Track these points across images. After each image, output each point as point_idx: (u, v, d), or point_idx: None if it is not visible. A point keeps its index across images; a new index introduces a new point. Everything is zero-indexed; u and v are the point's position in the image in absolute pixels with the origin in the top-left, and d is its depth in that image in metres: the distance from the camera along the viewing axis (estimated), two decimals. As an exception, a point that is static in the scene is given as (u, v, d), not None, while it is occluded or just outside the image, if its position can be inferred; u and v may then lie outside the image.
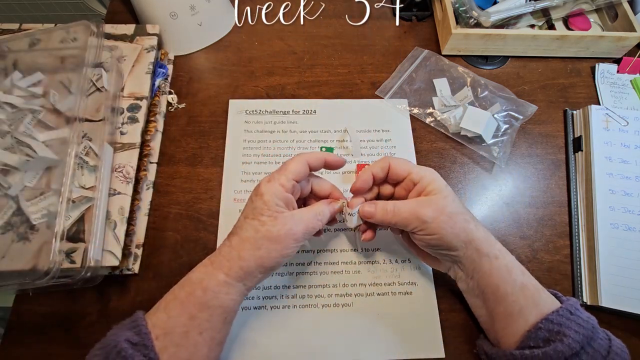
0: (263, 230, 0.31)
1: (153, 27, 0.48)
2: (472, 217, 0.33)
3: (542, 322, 0.29)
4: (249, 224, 0.31)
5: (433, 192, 0.33)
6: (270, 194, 0.31)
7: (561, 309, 0.30)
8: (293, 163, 0.33)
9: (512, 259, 0.33)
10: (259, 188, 0.32)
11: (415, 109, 0.49)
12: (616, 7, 0.53)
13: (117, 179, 0.38)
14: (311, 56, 0.53)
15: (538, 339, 0.29)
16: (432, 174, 0.34)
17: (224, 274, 0.30)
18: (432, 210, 0.32)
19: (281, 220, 0.31)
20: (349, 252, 0.40)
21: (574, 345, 0.28)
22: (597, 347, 0.28)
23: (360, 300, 0.38)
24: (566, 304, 0.30)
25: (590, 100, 0.50)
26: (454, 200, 0.33)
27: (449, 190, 0.33)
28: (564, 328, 0.28)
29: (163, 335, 0.28)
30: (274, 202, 0.31)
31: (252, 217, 0.31)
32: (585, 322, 0.29)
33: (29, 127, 0.37)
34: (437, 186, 0.33)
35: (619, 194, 0.41)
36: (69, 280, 0.33)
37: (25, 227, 0.34)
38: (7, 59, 0.41)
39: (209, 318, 0.30)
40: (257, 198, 0.32)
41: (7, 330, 0.36)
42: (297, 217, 0.32)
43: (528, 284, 0.32)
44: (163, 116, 0.47)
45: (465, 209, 0.34)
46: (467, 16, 0.50)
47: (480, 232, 0.33)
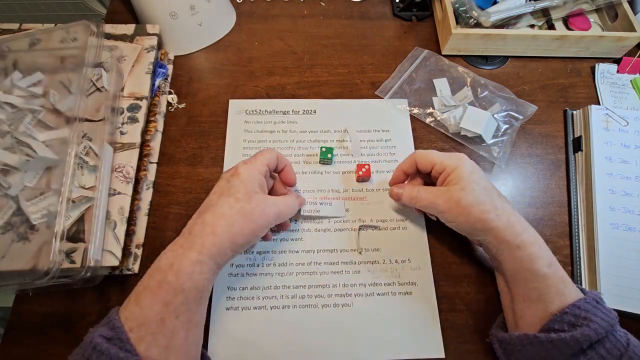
0: (237, 207, 0.32)
1: (153, 27, 0.48)
2: (496, 205, 0.33)
3: (569, 307, 0.30)
4: (223, 201, 0.32)
5: (452, 182, 0.35)
6: (248, 174, 0.33)
7: (588, 297, 0.30)
8: (267, 152, 0.36)
9: (538, 250, 0.32)
10: (236, 169, 0.34)
11: (415, 109, 0.49)
12: (616, 7, 0.53)
13: (117, 179, 0.38)
14: (311, 56, 0.53)
15: (564, 322, 0.29)
16: (454, 163, 0.35)
17: (197, 252, 0.30)
18: (447, 202, 0.34)
19: (255, 200, 0.33)
20: (349, 252, 0.40)
21: (600, 331, 0.28)
22: (618, 337, 0.29)
23: (360, 300, 0.38)
24: (591, 294, 0.31)
25: (590, 100, 0.50)
26: (473, 190, 0.33)
27: (469, 179, 0.34)
28: (590, 314, 0.29)
29: (137, 326, 0.28)
30: (250, 182, 0.33)
31: (228, 194, 0.32)
32: (609, 312, 0.30)
33: (29, 127, 0.37)
34: (457, 176, 0.34)
35: (619, 194, 0.41)
36: (69, 280, 0.33)
37: (25, 227, 0.34)
38: (7, 59, 0.41)
39: (184, 301, 0.30)
40: (233, 178, 0.33)
41: (7, 330, 0.36)
42: (270, 201, 0.34)
43: (553, 275, 0.31)
44: (163, 116, 0.47)
45: (488, 197, 0.34)
46: (467, 16, 0.50)
47: (502, 220, 0.33)
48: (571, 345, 0.28)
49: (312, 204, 0.42)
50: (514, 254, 0.33)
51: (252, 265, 0.39)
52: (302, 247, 0.40)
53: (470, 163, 0.36)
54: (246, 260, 0.40)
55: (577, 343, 0.28)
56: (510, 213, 0.33)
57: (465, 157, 0.36)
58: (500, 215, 0.33)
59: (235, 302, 0.38)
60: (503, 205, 0.34)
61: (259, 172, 0.34)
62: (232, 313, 0.37)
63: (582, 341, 0.28)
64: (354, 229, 0.41)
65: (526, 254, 0.32)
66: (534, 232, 0.33)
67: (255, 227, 0.33)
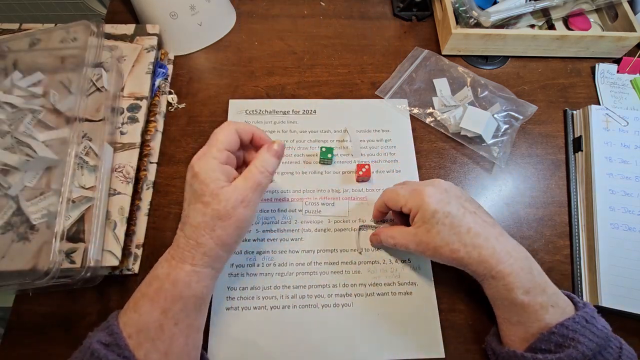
0: (209, 211, 0.30)
1: (153, 27, 0.48)
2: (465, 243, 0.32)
3: (556, 327, 0.29)
4: (193, 209, 0.30)
5: (417, 224, 0.34)
6: (205, 171, 0.30)
7: (577, 316, 0.30)
8: (222, 133, 0.32)
9: (514, 279, 0.31)
10: (192, 168, 0.31)
11: (415, 109, 0.49)
12: (616, 7, 0.53)
13: (117, 179, 0.38)
14: (311, 56, 0.53)
15: (551, 342, 0.29)
16: (417, 203, 0.33)
17: (190, 264, 0.30)
18: (418, 245, 0.34)
19: (224, 196, 0.30)
20: (349, 252, 0.40)
21: (587, 353, 0.28)
22: (607, 355, 0.28)
23: (360, 300, 0.38)
24: (582, 312, 0.30)
25: (590, 100, 0.50)
26: (439, 232, 0.32)
27: (434, 221, 0.32)
28: (578, 335, 0.28)
29: (136, 333, 0.28)
30: (210, 178, 0.30)
31: (195, 200, 0.30)
32: (599, 331, 0.29)
33: (29, 127, 0.37)
34: (421, 218, 0.33)
35: (619, 194, 0.41)
36: (69, 280, 0.33)
37: (25, 227, 0.34)
38: (7, 59, 0.41)
39: (183, 308, 0.29)
40: (193, 180, 0.30)
41: (7, 330, 0.36)
42: (240, 186, 0.30)
43: (531, 303, 0.30)
44: (163, 116, 0.47)
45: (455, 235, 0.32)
46: (467, 16, 0.50)
47: (473, 257, 0.32)
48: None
49: (314, 204, 0.42)
50: (489, 284, 0.33)
51: (252, 265, 0.39)
52: (302, 247, 0.40)
53: (434, 198, 0.33)
54: (246, 260, 0.40)
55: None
56: (481, 247, 0.32)
57: (428, 192, 0.33)
58: (470, 252, 0.32)
59: (235, 302, 0.38)
60: (473, 240, 0.32)
61: (217, 163, 0.31)
62: (232, 313, 0.37)
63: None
64: (354, 229, 0.41)
65: (501, 284, 0.31)
66: (513, 260, 0.32)
67: (237, 222, 0.30)
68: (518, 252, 0.32)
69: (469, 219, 0.33)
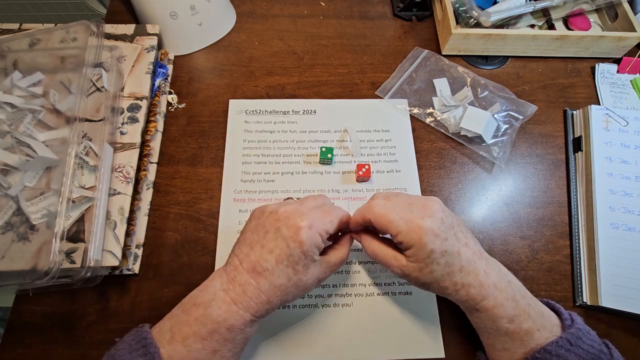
0: (295, 279, 0.30)
1: (153, 27, 0.48)
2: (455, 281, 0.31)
3: (539, 351, 0.29)
4: (282, 272, 0.30)
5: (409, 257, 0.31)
6: (311, 244, 0.30)
7: (561, 340, 0.29)
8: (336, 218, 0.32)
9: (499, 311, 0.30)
10: (297, 231, 0.29)
11: (415, 109, 0.49)
12: (616, 7, 0.53)
13: (117, 179, 0.38)
14: (311, 56, 0.53)
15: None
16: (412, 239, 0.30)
17: (251, 315, 0.30)
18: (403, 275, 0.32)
19: (312, 270, 0.31)
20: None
21: None
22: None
23: (360, 300, 0.38)
24: (567, 334, 0.29)
25: (590, 100, 0.50)
26: (431, 271, 0.30)
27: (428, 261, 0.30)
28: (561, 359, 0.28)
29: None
30: (311, 251, 0.30)
31: (287, 264, 0.30)
32: (585, 352, 0.29)
33: (29, 127, 0.37)
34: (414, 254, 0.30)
35: (619, 194, 0.41)
36: (69, 280, 0.33)
37: (25, 227, 0.34)
38: (7, 59, 0.41)
39: (232, 349, 0.30)
40: (295, 245, 0.29)
41: (7, 330, 0.36)
42: (324, 265, 0.32)
43: (516, 330, 0.30)
44: (163, 116, 0.47)
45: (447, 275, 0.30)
46: (467, 16, 0.50)
47: (461, 295, 0.31)
48: None
49: None
50: (473, 316, 0.32)
51: (252, 265, 0.39)
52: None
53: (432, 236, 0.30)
54: (246, 260, 0.40)
55: None
56: (470, 285, 0.30)
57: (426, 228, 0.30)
58: (459, 291, 0.31)
59: (235, 302, 0.38)
60: (463, 279, 0.31)
61: (321, 239, 0.31)
62: (232, 313, 0.37)
63: None
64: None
65: (485, 316, 0.31)
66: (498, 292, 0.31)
67: (304, 293, 0.32)
68: (502, 282, 0.31)
69: (463, 254, 0.31)
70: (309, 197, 0.34)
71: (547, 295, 0.39)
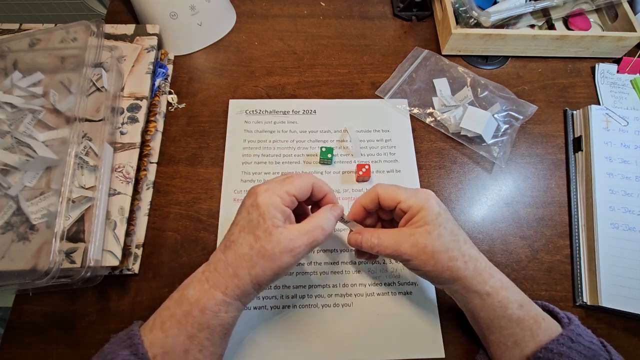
0: (257, 247, 0.29)
1: (153, 27, 0.48)
2: (463, 252, 0.31)
3: (541, 351, 0.28)
4: (244, 239, 0.29)
5: (417, 224, 0.31)
6: (267, 205, 0.29)
7: (562, 337, 0.29)
8: (299, 179, 0.31)
9: (508, 294, 0.30)
10: (255, 197, 0.29)
11: (415, 109, 0.49)
12: (616, 7, 0.53)
13: (117, 179, 0.38)
14: (311, 56, 0.53)
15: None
16: (419, 203, 0.31)
17: (222, 293, 0.29)
18: (412, 248, 0.30)
19: (276, 237, 0.29)
20: (349, 252, 0.40)
21: None
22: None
23: (360, 300, 0.38)
24: (567, 331, 0.29)
25: (590, 100, 0.50)
26: (440, 235, 0.30)
27: (436, 223, 0.30)
28: (563, 358, 0.28)
29: (161, 354, 0.28)
30: (270, 214, 0.29)
31: (248, 230, 0.29)
32: (585, 349, 0.28)
33: (29, 127, 0.37)
34: (422, 218, 0.31)
35: (619, 194, 0.41)
36: (69, 280, 0.33)
37: (25, 227, 0.34)
38: (7, 59, 0.41)
39: (209, 336, 0.29)
40: (253, 209, 0.29)
41: (7, 330, 0.36)
42: (295, 233, 0.29)
43: (525, 317, 0.30)
44: (163, 116, 0.47)
45: (455, 242, 0.31)
46: (467, 16, 0.50)
47: (469, 269, 0.30)
48: None
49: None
50: (484, 302, 0.31)
51: (252, 265, 0.39)
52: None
53: (437, 202, 0.32)
54: (246, 260, 0.40)
55: None
56: (477, 259, 0.31)
57: (432, 195, 0.32)
58: (467, 263, 0.30)
59: (235, 302, 0.38)
60: (469, 251, 0.31)
61: (281, 201, 0.30)
62: (232, 313, 0.37)
63: None
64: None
65: (496, 300, 0.30)
66: (501, 275, 0.32)
67: (277, 268, 0.29)
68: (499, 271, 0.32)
69: (462, 231, 0.32)
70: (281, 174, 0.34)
71: (547, 295, 0.39)
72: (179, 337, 0.28)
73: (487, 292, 0.30)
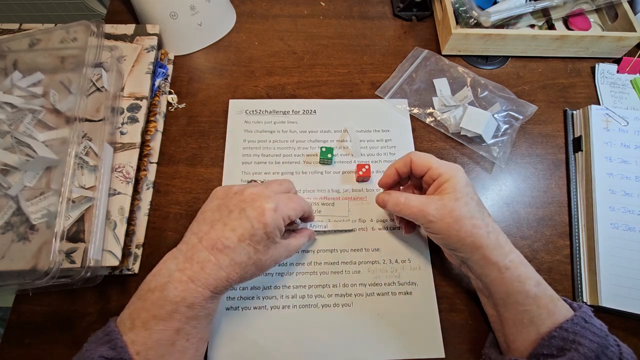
0: (255, 258, 0.31)
1: (153, 27, 0.48)
2: (487, 222, 0.32)
3: (556, 330, 0.29)
4: (244, 250, 0.31)
5: (446, 190, 0.33)
6: (274, 227, 0.31)
7: (576, 317, 0.29)
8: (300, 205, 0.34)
9: (526, 270, 0.31)
10: (262, 214, 0.30)
11: (415, 109, 0.49)
12: (616, 7, 0.53)
13: (117, 179, 0.38)
14: (311, 56, 0.53)
15: (552, 347, 0.29)
16: (450, 172, 0.33)
17: (211, 291, 0.30)
18: (438, 211, 0.32)
19: (272, 251, 0.32)
20: (349, 252, 0.40)
21: (589, 355, 0.27)
22: (610, 355, 0.28)
23: (360, 300, 0.38)
24: (580, 312, 0.30)
25: (590, 100, 0.50)
26: (467, 203, 0.32)
27: (464, 192, 0.32)
28: (578, 337, 0.28)
29: (145, 350, 0.28)
30: (274, 234, 0.31)
31: (249, 243, 0.31)
32: (599, 330, 0.29)
33: (29, 127, 0.37)
34: (452, 185, 0.33)
35: (619, 194, 0.41)
36: (69, 280, 0.33)
37: (25, 227, 0.34)
38: (7, 59, 0.41)
39: (197, 325, 0.30)
40: (259, 226, 0.30)
41: (7, 330, 0.36)
42: (283, 248, 0.34)
43: (542, 295, 0.30)
44: (163, 116, 0.47)
45: (480, 212, 0.32)
46: (467, 16, 0.50)
47: (491, 240, 0.31)
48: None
49: (314, 204, 0.42)
50: (503, 276, 0.31)
51: (252, 265, 0.39)
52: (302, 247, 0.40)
53: (465, 176, 0.34)
54: (246, 260, 0.40)
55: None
56: (499, 232, 0.32)
57: (461, 168, 0.34)
58: (490, 233, 0.32)
59: (235, 302, 0.38)
60: (493, 224, 0.33)
61: (284, 222, 0.32)
62: (232, 313, 0.37)
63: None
64: (354, 230, 0.41)
65: (515, 275, 0.31)
66: (519, 253, 0.33)
67: (261, 273, 0.33)
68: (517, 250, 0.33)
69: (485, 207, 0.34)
70: (274, 181, 0.35)
71: (547, 295, 0.39)
72: (165, 332, 0.28)
73: (507, 265, 0.31)
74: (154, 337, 0.28)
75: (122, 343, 0.27)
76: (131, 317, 0.29)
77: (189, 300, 0.29)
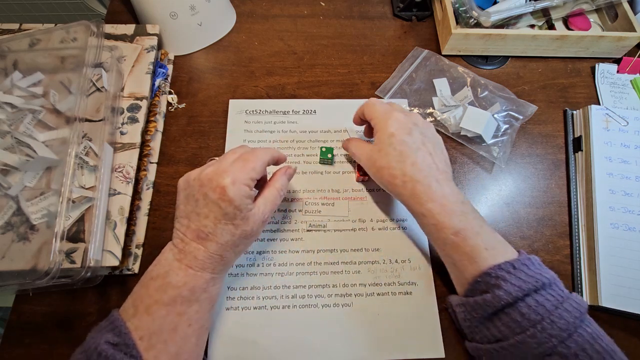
0: (238, 233, 0.31)
1: (153, 27, 0.48)
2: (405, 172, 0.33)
3: (481, 275, 0.30)
4: (223, 230, 0.31)
5: (375, 141, 0.36)
6: (239, 198, 0.30)
7: (503, 264, 0.30)
8: (258, 162, 0.32)
9: (443, 218, 0.32)
10: (223, 191, 0.30)
11: (415, 109, 0.49)
12: (616, 7, 0.53)
13: (117, 179, 0.38)
14: (311, 56, 0.53)
15: (476, 290, 0.31)
16: (380, 123, 0.35)
17: (210, 273, 0.31)
18: (367, 160, 0.36)
19: (252, 219, 0.32)
20: (349, 252, 0.40)
21: (504, 297, 0.28)
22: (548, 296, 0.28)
23: (360, 300, 0.38)
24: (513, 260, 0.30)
25: (590, 100, 0.50)
26: (387, 153, 0.34)
27: (387, 142, 0.34)
28: (500, 281, 0.29)
29: (148, 335, 0.28)
30: (244, 204, 0.31)
31: (225, 221, 0.31)
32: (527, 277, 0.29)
33: (29, 127, 0.37)
34: (379, 136, 0.35)
35: (619, 194, 0.41)
36: (69, 280, 0.33)
37: (25, 227, 0.34)
38: (7, 59, 0.41)
39: (198, 309, 0.30)
40: (225, 204, 0.30)
41: (7, 330, 0.36)
42: (262, 207, 0.33)
43: (461, 244, 0.31)
44: (163, 116, 0.47)
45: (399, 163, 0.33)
46: (467, 16, 0.50)
47: (406, 189, 0.33)
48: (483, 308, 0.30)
49: (314, 204, 0.42)
50: (422, 223, 0.34)
51: (252, 265, 0.39)
52: (302, 247, 0.40)
53: (397, 123, 0.34)
54: (246, 260, 0.40)
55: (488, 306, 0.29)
56: (419, 182, 0.33)
57: (395, 115, 0.35)
58: (406, 183, 0.33)
59: (235, 302, 0.38)
60: (413, 173, 0.33)
61: (249, 189, 0.31)
62: (232, 313, 0.37)
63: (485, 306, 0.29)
64: (354, 229, 0.41)
65: (431, 223, 0.32)
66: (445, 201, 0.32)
67: (254, 238, 0.34)
68: (454, 197, 0.33)
69: (420, 155, 0.34)
70: (228, 152, 0.34)
71: (547, 295, 0.39)
72: (168, 317, 0.29)
73: (423, 213, 0.33)
74: (156, 322, 0.29)
75: (126, 329, 0.28)
76: (134, 304, 0.30)
77: (191, 284, 0.30)
